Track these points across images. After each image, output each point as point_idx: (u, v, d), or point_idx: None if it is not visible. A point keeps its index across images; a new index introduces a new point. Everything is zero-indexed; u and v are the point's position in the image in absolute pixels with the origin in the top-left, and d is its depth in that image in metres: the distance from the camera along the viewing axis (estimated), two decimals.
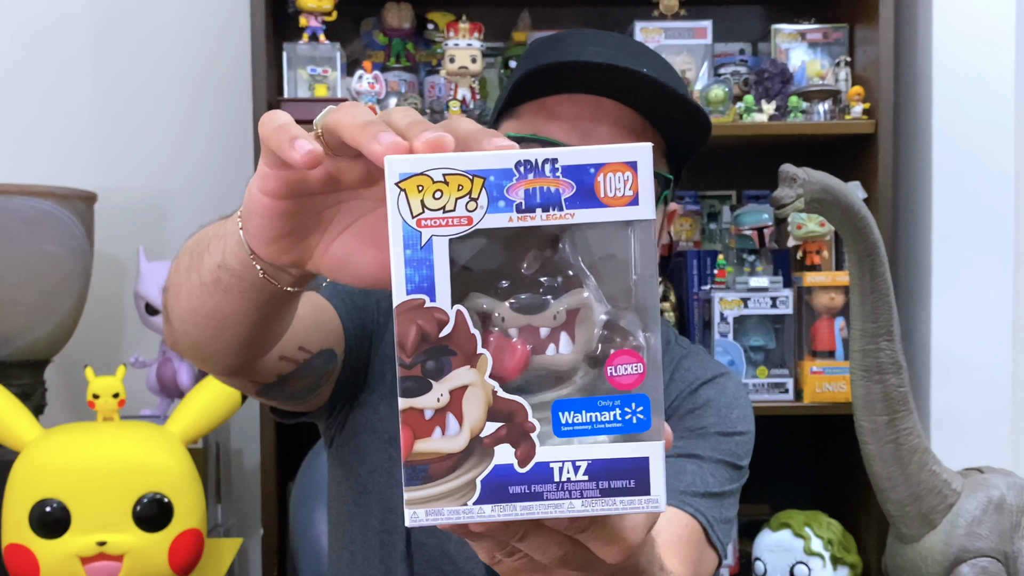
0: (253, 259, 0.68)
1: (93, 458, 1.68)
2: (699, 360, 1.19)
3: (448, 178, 0.47)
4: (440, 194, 0.47)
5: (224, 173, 2.33)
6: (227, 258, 0.71)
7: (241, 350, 0.82)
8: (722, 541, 1.06)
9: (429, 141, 0.52)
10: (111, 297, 2.30)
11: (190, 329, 0.80)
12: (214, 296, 0.74)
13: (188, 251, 0.79)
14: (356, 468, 1.14)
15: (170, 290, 0.82)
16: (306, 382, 1.01)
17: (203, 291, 0.75)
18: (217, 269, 0.72)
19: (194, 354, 0.85)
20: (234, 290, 0.72)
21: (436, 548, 1.11)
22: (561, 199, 0.47)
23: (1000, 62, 2.08)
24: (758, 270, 2.09)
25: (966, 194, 2.07)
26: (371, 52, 2.27)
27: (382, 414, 1.12)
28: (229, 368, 0.86)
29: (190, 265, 0.77)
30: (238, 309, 0.74)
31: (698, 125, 1.08)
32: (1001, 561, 1.67)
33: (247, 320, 0.76)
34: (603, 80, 1.03)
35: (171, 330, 0.85)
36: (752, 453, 1.18)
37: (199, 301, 0.76)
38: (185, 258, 0.79)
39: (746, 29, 2.35)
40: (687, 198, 2.29)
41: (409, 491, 0.44)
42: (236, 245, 0.69)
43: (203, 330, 0.79)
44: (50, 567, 1.64)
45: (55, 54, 2.35)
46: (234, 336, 0.78)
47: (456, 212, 0.47)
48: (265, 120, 0.61)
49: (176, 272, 0.81)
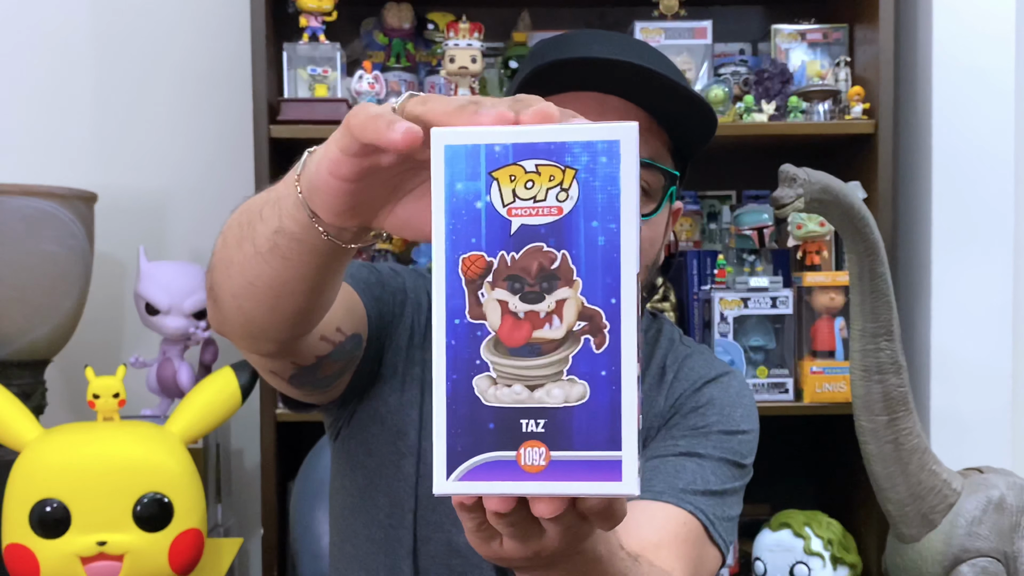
0: (315, 221, 0.69)
1: (93, 458, 1.68)
2: (703, 359, 1.20)
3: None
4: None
5: (224, 173, 2.33)
6: (284, 222, 0.72)
7: (295, 321, 0.82)
8: (724, 539, 1.05)
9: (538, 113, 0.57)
10: (111, 297, 2.30)
11: (244, 304, 0.80)
12: (271, 263, 0.75)
13: (236, 223, 0.79)
14: (363, 461, 1.14)
15: (218, 267, 0.82)
16: (338, 366, 1.02)
17: (259, 260, 0.75)
18: (274, 235, 0.73)
19: (245, 331, 0.84)
20: (293, 254, 0.73)
21: (443, 542, 1.10)
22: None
23: (1000, 62, 2.08)
24: (758, 270, 2.10)
25: (966, 194, 2.07)
26: (371, 52, 2.27)
27: (392, 406, 1.12)
28: (278, 345, 0.87)
29: (241, 236, 0.77)
30: (296, 274, 0.75)
31: (703, 119, 1.08)
32: (1001, 561, 1.67)
33: (304, 286, 0.77)
34: (608, 77, 1.04)
35: (219, 310, 0.84)
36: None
37: (256, 271, 0.77)
38: (234, 231, 0.79)
39: (746, 29, 2.35)
40: (687, 198, 2.29)
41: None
42: (294, 208, 0.70)
43: (259, 302, 0.79)
44: (50, 567, 1.64)
45: (55, 54, 2.36)
46: (290, 305, 0.79)
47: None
48: (358, 110, 0.62)
49: (224, 247, 0.80)
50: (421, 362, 1.13)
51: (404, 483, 1.11)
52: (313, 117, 2.01)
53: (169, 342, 2.10)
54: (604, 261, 0.56)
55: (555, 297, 0.56)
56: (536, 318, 0.56)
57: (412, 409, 1.12)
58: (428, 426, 1.10)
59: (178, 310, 2.06)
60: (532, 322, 0.56)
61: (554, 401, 0.56)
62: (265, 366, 0.95)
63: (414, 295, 1.15)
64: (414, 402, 1.12)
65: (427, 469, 1.10)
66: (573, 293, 0.56)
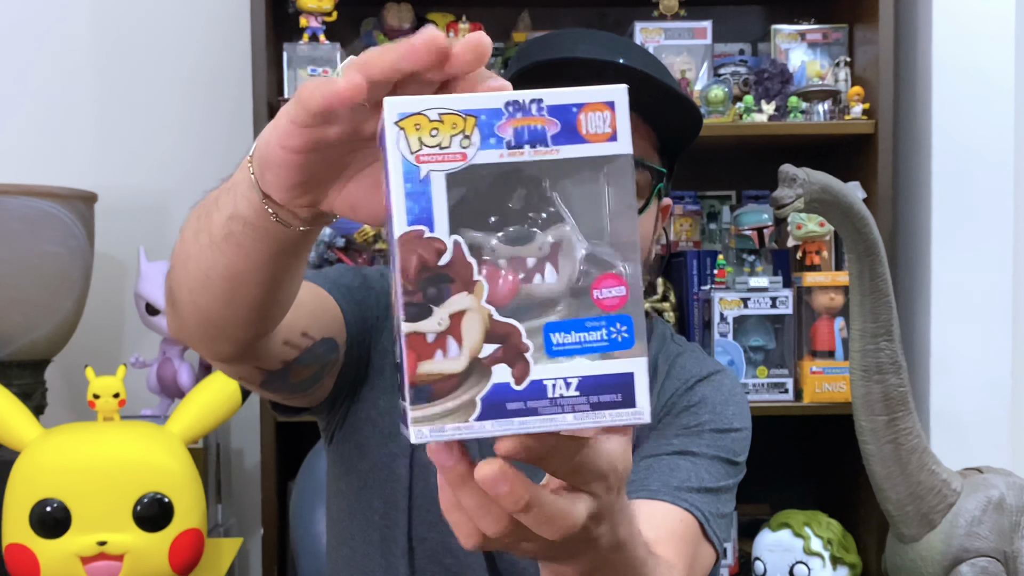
0: (266, 203, 0.69)
1: (93, 458, 1.68)
2: (695, 358, 1.20)
3: (443, 117, 0.50)
4: (436, 132, 0.50)
5: (224, 173, 2.31)
6: (239, 207, 0.72)
7: (252, 317, 0.81)
8: (719, 536, 1.06)
9: (469, 42, 0.55)
10: (111, 297, 2.30)
11: (199, 299, 0.80)
12: (226, 253, 0.75)
13: (194, 216, 0.79)
14: (356, 463, 1.15)
15: (175, 266, 0.82)
16: (309, 371, 1.01)
17: (214, 250, 0.75)
18: (228, 221, 0.73)
19: (203, 332, 0.84)
20: (247, 241, 0.73)
21: (438, 542, 1.11)
22: (547, 136, 0.51)
23: (1000, 62, 2.08)
24: (758, 270, 2.10)
25: (966, 194, 2.07)
26: None
27: (382, 409, 1.13)
28: (237, 347, 0.86)
29: (198, 228, 0.77)
30: (250, 263, 0.75)
31: (688, 117, 1.09)
32: (1000, 561, 1.67)
33: (259, 276, 0.76)
34: (592, 77, 1.04)
35: (176, 311, 0.84)
36: (750, 451, 1.18)
37: (210, 262, 0.76)
38: (191, 223, 0.79)
39: (746, 29, 2.35)
40: (687, 198, 2.29)
41: (414, 410, 0.47)
42: (248, 190, 0.70)
43: (215, 296, 0.79)
44: (50, 567, 1.64)
45: (56, 55, 2.36)
46: (245, 297, 0.78)
47: (451, 149, 0.50)
48: (307, 82, 0.62)
49: (182, 243, 0.80)
50: None
51: (397, 484, 1.12)
52: None
53: (169, 342, 2.10)
54: None
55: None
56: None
57: None
58: None
59: None
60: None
61: None
62: (232, 372, 0.94)
63: None
64: None
65: (420, 470, 1.11)
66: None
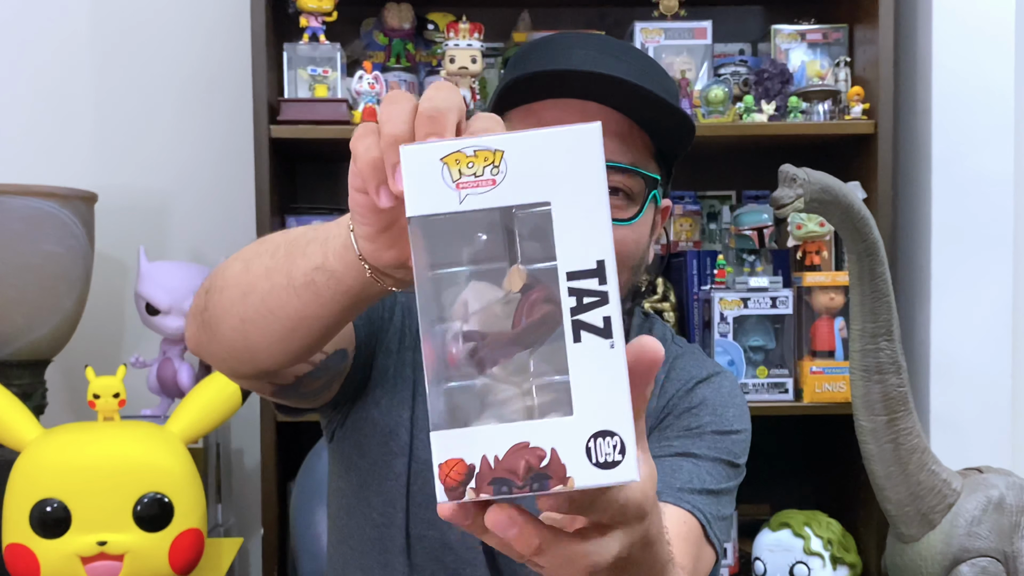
0: (362, 260, 0.71)
1: (93, 458, 1.68)
2: (694, 359, 1.20)
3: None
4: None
5: (224, 173, 2.33)
6: (329, 260, 0.74)
7: (298, 352, 0.84)
8: (719, 538, 1.06)
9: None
10: (111, 297, 2.30)
11: (253, 328, 0.82)
12: (302, 297, 0.77)
13: (267, 254, 0.81)
14: (356, 462, 1.15)
15: (228, 290, 0.83)
16: (320, 382, 1.03)
17: (289, 292, 0.77)
18: (315, 271, 0.75)
19: (235, 356, 0.86)
20: (327, 291, 0.75)
21: (437, 540, 1.11)
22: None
23: (1000, 62, 2.08)
24: (758, 270, 2.10)
25: (966, 194, 2.07)
26: (371, 52, 2.27)
27: (384, 408, 1.13)
28: (263, 371, 0.88)
29: (273, 267, 0.79)
30: (322, 311, 0.77)
31: (681, 126, 1.09)
32: (1001, 561, 1.67)
33: (323, 323, 0.79)
34: (586, 86, 1.05)
35: (210, 331, 0.86)
36: (750, 451, 1.18)
37: (280, 302, 0.79)
38: (263, 260, 0.81)
39: (746, 29, 2.35)
40: (687, 198, 2.29)
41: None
42: (343, 247, 0.72)
43: (270, 332, 0.81)
44: (50, 567, 1.64)
45: (55, 54, 2.36)
46: (302, 337, 0.81)
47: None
48: (359, 140, 0.64)
49: (246, 273, 0.82)
50: (412, 364, 1.14)
51: (396, 482, 1.12)
52: (313, 117, 2.01)
53: (169, 342, 2.10)
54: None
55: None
56: None
57: (403, 410, 1.13)
58: (419, 426, 1.12)
59: (178, 310, 2.06)
60: None
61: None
62: (242, 384, 0.97)
63: (404, 298, 1.16)
64: (405, 403, 1.13)
65: (418, 468, 1.12)
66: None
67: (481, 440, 0.54)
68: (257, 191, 2.00)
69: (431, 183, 0.56)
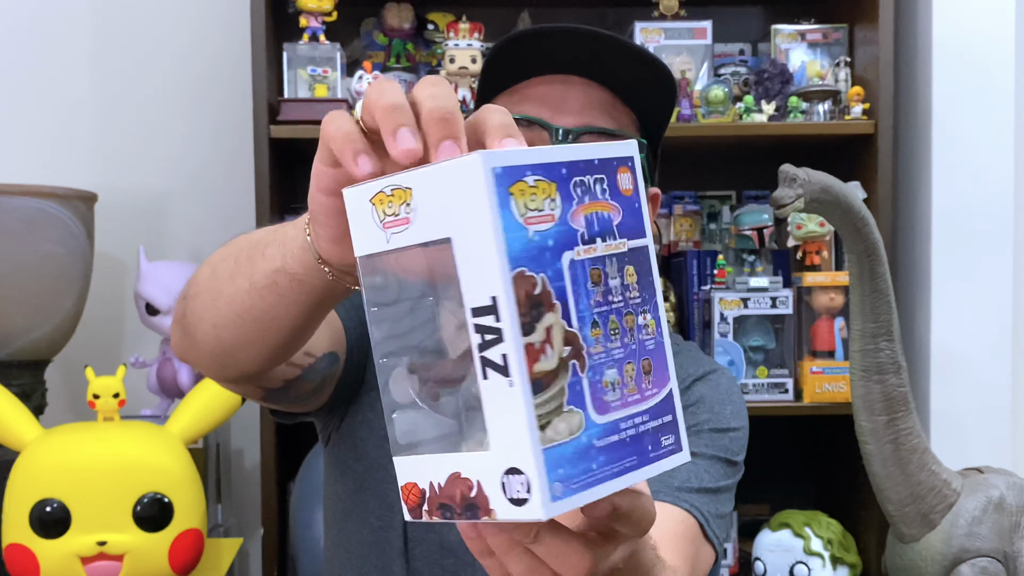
0: (321, 263, 0.71)
1: (93, 458, 1.68)
2: (691, 357, 1.20)
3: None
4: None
5: (224, 173, 2.33)
6: (288, 262, 0.73)
7: (273, 355, 0.84)
8: (718, 536, 1.06)
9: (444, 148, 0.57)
10: (111, 297, 2.30)
11: (225, 334, 0.82)
12: (266, 299, 0.77)
13: (231, 257, 0.81)
14: (353, 465, 1.15)
15: (200, 296, 0.84)
16: (310, 386, 1.03)
17: (252, 295, 0.77)
18: (275, 273, 0.75)
19: (217, 361, 0.86)
20: (291, 293, 0.75)
21: (435, 543, 1.10)
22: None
23: (1000, 62, 2.08)
24: (758, 270, 2.10)
25: (966, 194, 2.07)
26: (371, 52, 2.27)
27: (379, 412, 1.12)
28: (246, 375, 0.88)
29: (235, 271, 0.79)
30: (288, 311, 0.77)
31: (661, 83, 1.10)
32: (1001, 561, 1.67)
33: (292, 322, 0.79)
34: (566, 49, 1.07)
35: (190, 336, 0.86)
36: (750, 451, 1.18)
37: (246, 304, 0.78)
38: (227, 264, 0.81)
39: (746, 29, 2.35)
40: (687, 198, 2.29)
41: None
42: (300, 250, 0.72)
43: (242, 334, 0.81)
44: (50, 567, 1.64)
45: (55, 54, 2.36)
46: (273, 339, 0.81)
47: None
48: (330, 121, 0.62)
49: (213, 278, 0.82)
50: None
51: (393, 485, 1.11)
52: (313, 117, 2.01)
53: (169, 342, 2.10)
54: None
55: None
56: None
57: None
58: None
59: None
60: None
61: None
62: (233, 389, 0.97)
63: None
64: None
65: None
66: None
67: (427, 468, 0.57)
68: (257, 191, 2.00)
69: (366, 224, 0.57)
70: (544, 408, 0.54)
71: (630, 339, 0.58)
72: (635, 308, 0.59)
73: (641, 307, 0.59)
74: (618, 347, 0.57)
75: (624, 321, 0.58)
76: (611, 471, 0.56)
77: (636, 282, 0.59)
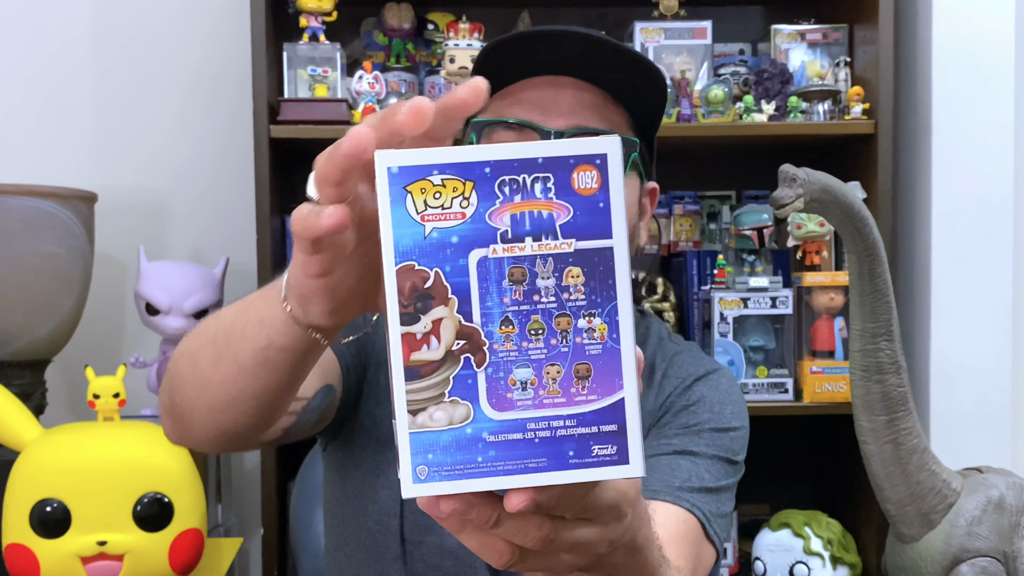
0: (312, 331, 0.70)
1: (93, 458, 1.68)
2: (692, 356, 1.20)
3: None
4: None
5: (224, 173, 2.33)
6: (274, 338, 0.73)
7: (274, 417, 0.84)
8: (719, 535, 1.06)
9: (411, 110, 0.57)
10: (111, 297, 2.30)
11: (223, 416, 0.82)
12: (259, 377, 0.76)
13: (208, 343, 0.80)
14: (350, 471, 1.15)
15: (187, 388, 0.84)
16: (308, 424, 1.04)
17: (246, 375, 0.77)
18: (263, 351, 0.74)
19: (217, 440, 0.86)
20: (284, 364, 0.74)
21: (435, 545, 1.11)
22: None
23: (1000, 62, 2.08)
24: (758, 270, 2.10)
25: (966, 194, 2.07)
26: (371, 52, 2.27)
27: (377, 419, 1.13)
28: (247, 441, 0.88)
29: (218, 357, 0.78)
30: (283, 378, 0.77)
31: (652, 82, 1.10)
32: (1001, 561, 1.67)
33: (288, 384, 0.78)
34: (555, 52, 1.07)
35: (184, 424, 0.86)
36: (751, 451, 1.18)
37: (239, 386, 0.78)
38: (207, 351, 0.80)
39: (746, 29, 2.35)
40: (687, 198, 2.29)
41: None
42: (285, 325, 0.71)
43: (241, 413, 0.81)
44: (50, 567, 1.64)
45: (55, 54, 2.36)
46: (274, 401, 0.81)
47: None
48: (294, 216, 0.63)
49: (195, 368, 0.82)
50: None
51: (390, 489, 1.12)
52: (313, 117, 2.01)
53: (169, 342, 2.10)
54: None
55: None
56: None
57: None
58: None
59: (178, 310, 2.06)
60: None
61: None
62: (235, 452, 0.97)
63: None
64: None
65: None
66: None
67: None
68: (257, 191, 2.00)
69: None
70: (418, 395, 0.56)
71: (560, 341, 0.56)
72: (575, 311, 0.56)
73: (585, 310, 0.56)
74: (539, 347, 0.56)
75: (554, 322, 0.56)
76: (506, 467, 0.56)
77: (582, 284, 0.56)
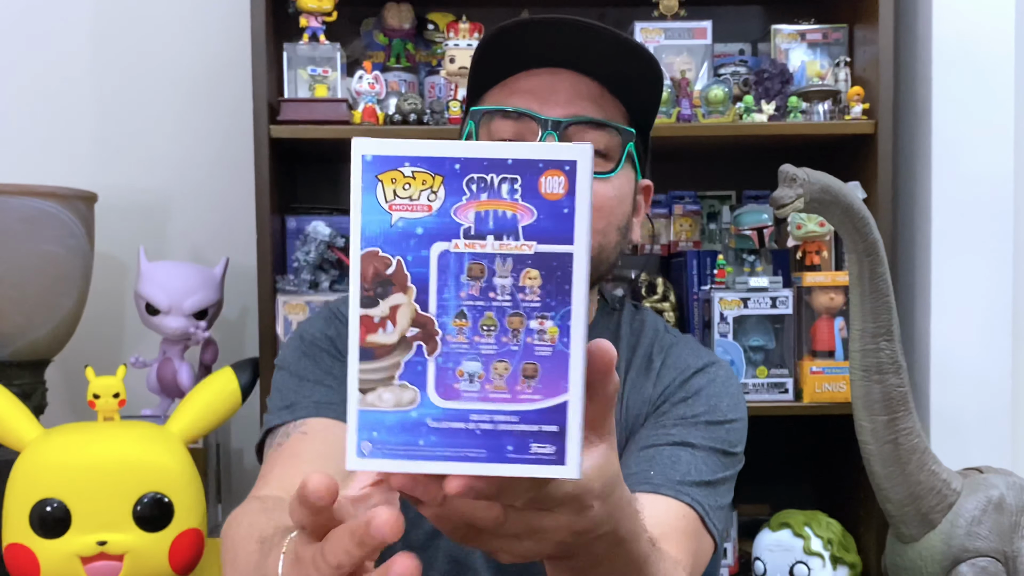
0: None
1: (93, 458, 1.68)
2: (690, 348, 1.21)
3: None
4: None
5: (224, 173, 2.33)
6: None
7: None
8: (717, 527, 1.07)
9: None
10: (111, 297, 2.30)
11: None
12: None
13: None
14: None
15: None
16: None
17: None
18: None
19: None
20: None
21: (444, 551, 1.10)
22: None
23: (1000, 62, 2.08)
24: (758, 270, 2.10)
25: (966, 194, 2.07)
26: (371, 52, 2.27)
27: None
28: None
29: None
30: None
31: (647, 72, 1.11)
32: (1001, 561, 1.67)
33: None
34: (553, 41, 1.08)
35: None
36: (751, 451, 1.19)
37: None
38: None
39: (746, 29, 2.35)
40: (687, 198, 2.29)
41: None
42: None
43: None
44: (50, 567, 1.64)
45: (55, 54, 2.36)
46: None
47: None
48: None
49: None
50: None
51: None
52: (313, 117, 2.01)
53: (169, 342, 2.10)
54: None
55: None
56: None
57: None
58: None
59: (178, 310, 2.06)
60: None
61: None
62: None
63: (334, 331, 1.19)
64: None
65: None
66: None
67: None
68: (257, 191, 2.00)
69: None
70: (370, 375, 0.58)
71: (511, 339, 0.58)
72: (528, 311, 0.57)
73: (539, 312, 0.57)
74: (490, 343, 0.58)
75: (507, 321, 0.58)
76: (445, 453, 0.58)
77: (538, 286, 0.57)
